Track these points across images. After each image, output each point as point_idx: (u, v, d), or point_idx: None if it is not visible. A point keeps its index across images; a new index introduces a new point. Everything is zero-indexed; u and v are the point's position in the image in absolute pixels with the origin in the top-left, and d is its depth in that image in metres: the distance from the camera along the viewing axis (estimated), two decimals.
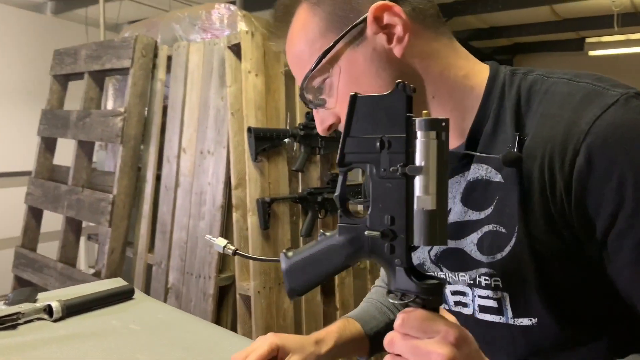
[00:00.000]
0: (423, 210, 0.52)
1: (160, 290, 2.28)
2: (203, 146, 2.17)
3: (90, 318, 1.13)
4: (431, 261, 0.77)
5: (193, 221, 2.20)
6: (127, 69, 2.28)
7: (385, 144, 0.54)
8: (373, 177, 0.55)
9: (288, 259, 0.62)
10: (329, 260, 0.59)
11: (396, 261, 0.54)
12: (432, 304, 0.55)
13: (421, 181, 0.52)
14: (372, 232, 0.55)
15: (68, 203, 2.43)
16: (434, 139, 0.52)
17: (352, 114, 0.56)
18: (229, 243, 0.71)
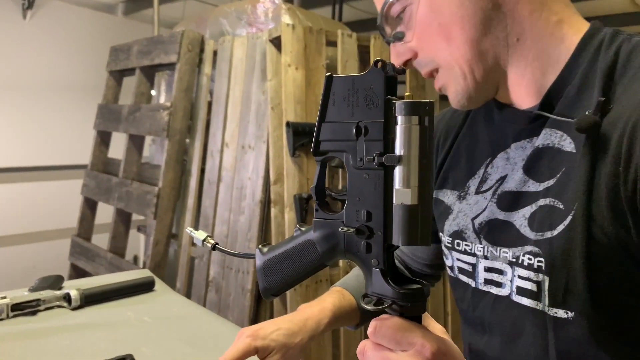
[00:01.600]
0: (402, 205, 0.45)
1: (202, 284, 2.30)
2: (244, 141, 2.16)
3: (108, 308, 1.13)
4: (473, 230, 0.71)
5: (234, 216, 2.19)
6: (174, 64, 2.31)
7: (361, 130, 0.48)
8: (349, 167, 0.49)
9: (262, 255, 0.56)
10: (303, 257, 0.53)
11: (373, 261, 0.48)
12: (412, 312, 0.48)
13: (401, 172, 0.46)
14: (346, 229, 0.49)
15: (118, 195, 2.51)
16: (416, 125, 0.45)
17: (327, 96, 0.50)
18: (209, 236, 0.67)
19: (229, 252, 0.65)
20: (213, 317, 1.12)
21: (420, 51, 0.66)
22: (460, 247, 0.73)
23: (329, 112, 0.50)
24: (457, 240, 0.74)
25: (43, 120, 3.58)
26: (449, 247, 0.75)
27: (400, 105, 0.46)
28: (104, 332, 1.01)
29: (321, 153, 0.51)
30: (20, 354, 0.91)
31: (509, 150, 0.68)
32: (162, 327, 1.04)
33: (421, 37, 0.65)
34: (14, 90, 3.47)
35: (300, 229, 0.55)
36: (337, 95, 0.49)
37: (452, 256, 0.75)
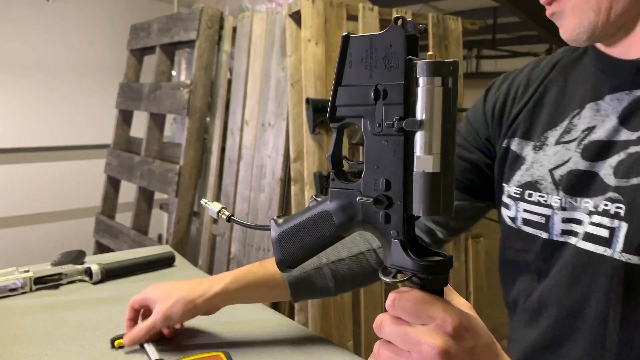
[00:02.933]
0: (424, 173, 0.43)
1: (223, 260, 2.32)
2: (264, 119, 2.15)
3: (128, 283, 1.14)
4: (552, 181, 0.68)
5: (254, 194, 2.19)
6: (194, 41, 2.30)
7: (380, 94, 0.45)
8: (367, 133, 0.46)
9: (278, 226, 0.54)
10: (320, 229, 0.51)
11: (392, 232, 0.46)
12: (433, 285, 0.46)
13: (422, 138, 0.43)
14: (364, 198, 0.47)
15: (140, 173, 2.52)
16: (439, 87, 0.42)
17: (344, 58, 0.47)
18: (224, 208, 0.65)
19: (243, 223, 0.64)
20: None
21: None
22: (532, 197, 0.70)
23: (346, 75, 0.47)
24: (528, 191, 0.71)
25: (67, 101, 3.62)
26: (516, 197, 0.72)
27: (422, 65, 0.43)
28: (124, 305, 1.01)
29: (337, 119, 0.48)
30: (43, 326, 0.92)
31: (601, 102, 0.66)
32: None
33: None
34: (39, 72, 3.51)
35: (317, 199, 0.52)
36: (354, 56, 0.46)
37: (518, 207, 0.72)
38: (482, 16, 5.41)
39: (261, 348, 0.87)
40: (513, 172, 0.74)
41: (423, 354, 0.42)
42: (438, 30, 2.26)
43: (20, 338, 0.87)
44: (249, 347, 0.87)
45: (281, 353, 0.85)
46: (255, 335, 0.92)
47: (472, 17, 3.06)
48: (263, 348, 0.87)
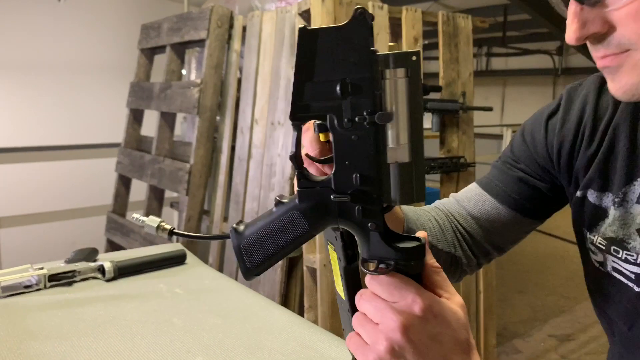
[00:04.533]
0: (397, 163, 0.44)
1: (233, 259, 2.33)
2: (274, 117, 2.15)
3: (140, 280, 1.15)
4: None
5: (264, 192, 2.20)
6: (204, 40, 2.31)
7: (347, 88, 0.44)
8: (335, 130, 0.45)
9: (239, 234, 0.51)
10: (290, 231, 0.49)
11: (370, 225, 0.47)
12: (414, 270, 0.48)
13: (393, 130, 0.44)
14: (340, 197, 0.47)
15: (151, 172, 2.54)
16: (404, 78, 0.43)
17: (304, 52, 0.45)
18: (163, 222, 0.60)
19: (191, 235, 0.60)
20: (244, 290, 1.13)
21: (623, 28, 0.53)
22: (619, 254, 0.68)
23: (307, 71, 0.45)
24: (614, 247, 0.69)
25: (78, 100, 3.65)
26: (602, 249, 0.71)
27: (387, 57, 0.43)
28: (137, 302, 1.03)
29: (301, 117, 0.46)
30: (57, 323, 0.93)
31: None
32: (193, 299, 1.05)
33: (637, 14, 0.52)
34: (50, 71, 3.54)
35: (281, 201, 0.51)
36: (316, 50, 0.44)
37: (605, 257, 0.70)
38: (492, 14, 5.38)
39: (272, 346, 0.87)
40: (595, 223, 0.71)
41: (386, 325, 0.46)
42: (448, 29, 2.25)
43: (35, 334, 0.88)
44: (260, 345, 0.88)
45: (293, 351, 0.86)
46: (266, 333, 0.92)
47: (482, 14, 3.05)
48: (274, 346, 0.87)
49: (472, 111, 2.26)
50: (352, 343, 0.49)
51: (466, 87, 2.25)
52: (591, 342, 2.91)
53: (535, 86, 8.50)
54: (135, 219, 0.60)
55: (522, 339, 2.93)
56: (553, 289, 3.62)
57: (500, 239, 0.81)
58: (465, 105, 2.18)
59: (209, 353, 0.84)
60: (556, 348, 2.85)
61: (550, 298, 3.50)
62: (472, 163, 2.23)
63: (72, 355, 0.82)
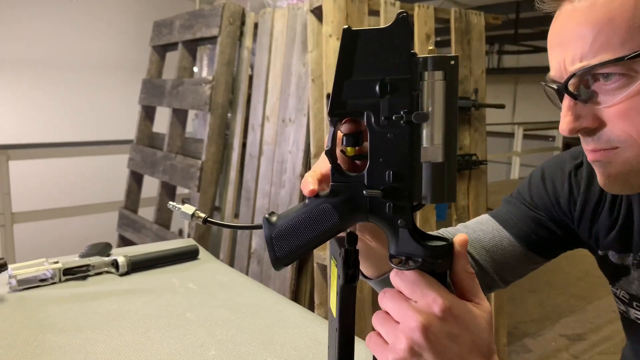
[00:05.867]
0: (430, 163, 0.46)
1: (244, 255, 2.34)
2: (285, 114, 2.16)
3: (154, 275, 1.16)
4: None
5: (275, 189, 2.21)
6: (216, 37, 2.32)
7: (387, 88, 0.46)
8: (372, 127, 0.47)
9: (271, 224, 0.52)
10: (320, 224, 0.50)
11: (399, 222, 0.48)
12: (441, 268, 0.48)
13: (428, 130, 0.46)
14: (372, 191, 0.48)
15: (163, 168, 2.56)
16: (442, 80, 0.45)
17: (346, 52, 0.47)
18: (198, 210, 0.61)
19: (224, 224, 0.61)
20: (255, 285, 1.13)
21: (613, 125, 0.56)
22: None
23: (348, 69, 0.47)
24: (636, 303, 0.73)
25: (91, 97, 3.68)
26: (626, 302, 0.74)
27: (426, 60, 0.45)
28: (150, 297, 1.04)
29: (338, 114, 0.48)
30: (73, 316, 0.94)
31: None
32: (206, 294, 1.06)
33: (626, 114, 0.55)
34: (64, 69, 3.57)
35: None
36: (358, 50, 0.46)
37: (629, 309, 0.74)
38: (504, 11, 5.34)
39: (284, 341, 0.88)
40: (619, 278, 0.75)
41: (406, 325, 0.46)
42: (460, 25, 2.24)
43: (50, 327, 0.90)
44: (273, 340, 0.88)
45: (305, 347, 0.86)
46: (279, 328, 0.93)
47: (494, 11, 3.03)
48: (286, 341, 0.88)
49: (484, 108, 2.25)
50: (371, 342, 0.49)
51: (478, 84, 2.23)
52: (603, 342, 2.88)
53: None
54: (171, 206, 0.61)
55: (533, 338, 2.91)
56: (564, 289, 3.60)
57: (509, 273, 0.82)
58: (477, 103, 2.17)
59: (222, 347, 0.85)
60: (567, 348, 2.83)
61: (561, 297, 3.48)
62: (484, 161, 2.22)
63: (87, 348, 0.83)
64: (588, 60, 0.55)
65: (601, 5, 0.54)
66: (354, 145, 0.51)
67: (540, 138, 7.91)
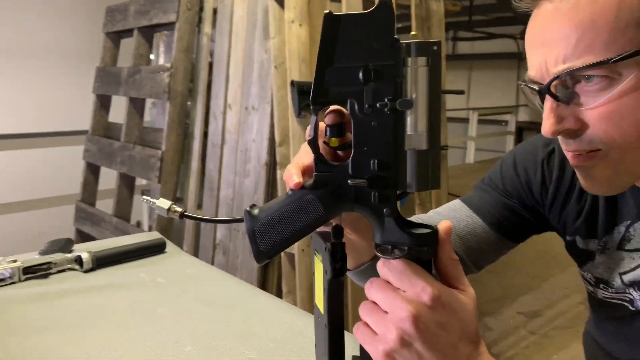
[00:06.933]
0: (415, 151, 0.45)
1: (209, 247, 2.31)
2: (248, 102, 2.12)
3: (120, 270, 1.12)
4: (622, 283, 0.71)
5: (239, 178, 2.18)
6: (173, 24, 2.25)
7: (370, 74, 0.45)
8: (355, 115, 0.46)
9: (253, 217, 0.50)
10: (304, 216, 0.49)
11: (385, 210, 0.47)
12: (427, 255, 0.48)
13: (412, 117, 0.45)
14: (357, 181, 0.47)
15: (121, 159, 2.48)
16: (425, 66, 0.44)
17: (328, 38, 0.45)
18: (174, 204, 0.58)
19: (201, 218, 0.59)
20: (227, 277, 1.12)
21: (595, 127, 0.56)
22: (608, 291, 0.74)
23: (330, 56, 0.45)
24: (602, 285, 0.75)
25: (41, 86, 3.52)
26: (593, 284, 0.77)
27: (410, 45, 0.44)
28: (119, 293, 1.00)
29: (320, 102, 0.47)
30: (37, 316, 0.90)
31: None
32: (177, 288, 1.03)
33: (609, 117, 0.55)
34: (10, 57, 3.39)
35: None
36: (340, 36, 0.45)
37: (596, 290, 0.77)
38: None
39: (262, 333, 0.87)
40: (585, 262, 0.77)
41: (396, 315, 0.45)
42: (420, 12, 2.25)
43: (15, 329, 0.85)
44: (250, 332, 0.87)
45: (283, 338, 0.85)
46: (255, 320, 0.91)
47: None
48: (264, 333, 0.87)
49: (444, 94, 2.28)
50: (360, 333, 0.48)
51: None
52: (558, 317, 3.01)
53: (500, 70, 8.64)
54: (145, 201, 0.58)
55: (493, 317, 3.01)
56: (521, 268, 3.72)
57: (483, 258, 0.83)
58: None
59: (198, 342, 0.83)
60: (525, 324, 2.94)
61: (518, 277, 3.60)
62: (444, 146, 2.25)
63: (57, 349, 0.79)
64: (571, 62, 0.54)
65: (584, 6, 0.54)
66: (338, 135, 0.50)
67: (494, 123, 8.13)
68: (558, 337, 2.77)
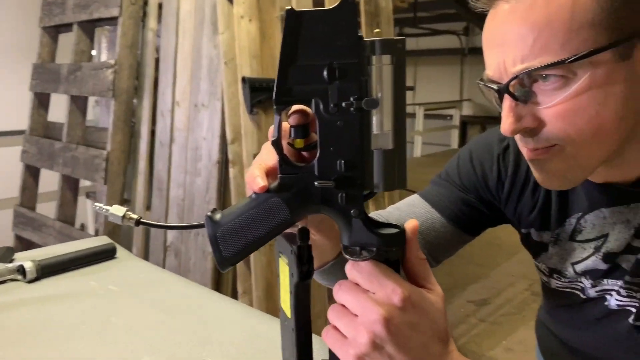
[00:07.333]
0: (382, 150, 0.45)
1: (159, 249, 2.24)
2: (197, 99, 2.07)
3: (68, 279, 1.06)
4: (575, 272, 0.74)
5: (189, 178, 2.12)
6: (116, 18, 2.16)
7: (335, 73, 0.44)
8: (320, 115, 0.45)
9: (215, 223, 0.48)
10: (270, 220, 0.47)
11: (353, 212, 0.46)
12: (395, 256, 0.48)
13: (378, 116, 0.44)
14: (325, 182, 0.46)
15: (63, 160, 2.37)
16: (390, 64, 0.44)
17: (290, 35, 0.44)
18: (128, 211, 0.56)
19: (158, 225, 0.57)
20: (182, 281, 1.08)
21: (552, 125, 0.58)
22: (561, 280, 0.77)
23: (292, 53, 0.44)
24: (556, 275, 0.77)
25: None
26: (546, 274, 0.79)
27: (374, 43, 0.43)
28: (68, 304, 0.95)
29: (284, 102, 0.45)
30: None
31: (605, 210, 0.69)
32: (130, 295, 0.99)
33: (565, 115, 0.56)
34: None
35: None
36: (302, 33, 0.44)
37: (550, 280, 0.79)
38: None
39: (222, 339, 0.84)
40: (539, 253, 0.79)
41: (367, 318, 0.45)
42: (370, 8, 2.27)
43: None
44: (210, 338, 0.84)
45: (245, 342, 0.83)
46: (214, 325, 0.89)
47: None
48: (224, 338, 0.84)
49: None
50: (329, 337, 0.47)
51: None
52: (505, 305, 3.13)
53: (445, 65, 8.87)
54: (98, 208, 0.55)
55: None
56: (470, 259, 3.84)
57: (442, 252, 0.85)
58: None
59: (155, 352, 0.79)
60: (475, 312, 3.03)
61: (468, 266, 3.71)
62: None
63: None
64: (529, 62, 0.55)
65: (540, 7, 0.55)
66: (303, 136, 0.49)
67: (439, 117, 8.33)
68: (506, 323, 2.88)
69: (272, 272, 1.99)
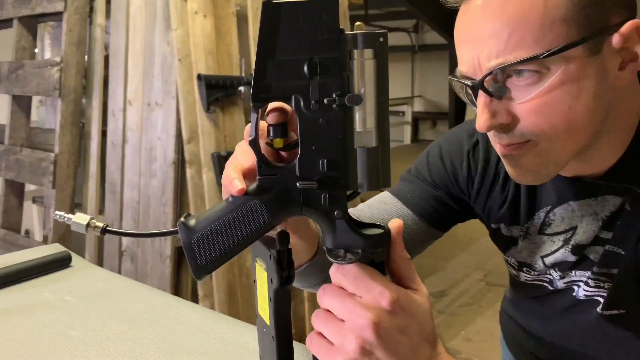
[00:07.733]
0: (365, 149, 0.43)
1: (114, 254, 2.15)
2: (150, 97, 2.00)
3: (19, 291, 1.00)
4: (544, 265, 0.76)
5: (144, 179, 2.05)
6: (61, 13, 2.06)
7: (316, 68, 0.42)
8: (301, 112, 0.43)
9: (190, 229, 0.45)
10: (249, 223, 0.45)
11: (336, 213, 0.44)
12: (380, 257, 0.46)
13: (360, 113, 0.42)
14: (307, 183, 0.44)
15: (6, 164, 2.24)
16: (372, 59, 0.42)
17: (269, 28, 0.41)
18: (93, 219, 0.52)
19: (127, 233, 0.53)
20: (143, 288, 1.03)
21: (526, 120, 0.58)
22: (530, 273, 0.78)
23: (270, 48, 0.42)
24: (525, 268, 0.78)
25: None
26: (516, 267, 0.80)
27: (356, 37, 0.42)
28: (20, 318, 0.89)
29: (262, 99, 0.43)
30: None
31: (573, 203, 0.70)
32: (88, 306, 0.94)
33: (540, 110, 0.57)
34: None
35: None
36: (281, 26, 0.41)
37: (519, 273, 0.80)
38: None
39: (191, 347, 0.81)
40: (509, 248, 0.80)
41: (355, 323, 0.43)
42: None
43: None
44: (178, 347, 0.81)
45: (214, 350, 0.80)
46: (182, 333, 0.85)
47: None
48: (193, 346, 0.81)
49: None
50: (314, 344, 0.45)
51: None
52: (462, 296, 3.20)
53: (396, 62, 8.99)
54: (59, 217, 0.51)
55: None
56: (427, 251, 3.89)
57: (413, 249, 0.84)
58: None
59: None
60: (433, 304, 3.07)
61: (424, 259, 3.77)
62: None
63: None
64: (504, 57, 0.55)
65: (514, 2, 0.55)
66: (282, 136, 0.46)
67: (392, 113, 8.46)
68: (463, 314, 2.94)
69: (234, 274, 1.95)
